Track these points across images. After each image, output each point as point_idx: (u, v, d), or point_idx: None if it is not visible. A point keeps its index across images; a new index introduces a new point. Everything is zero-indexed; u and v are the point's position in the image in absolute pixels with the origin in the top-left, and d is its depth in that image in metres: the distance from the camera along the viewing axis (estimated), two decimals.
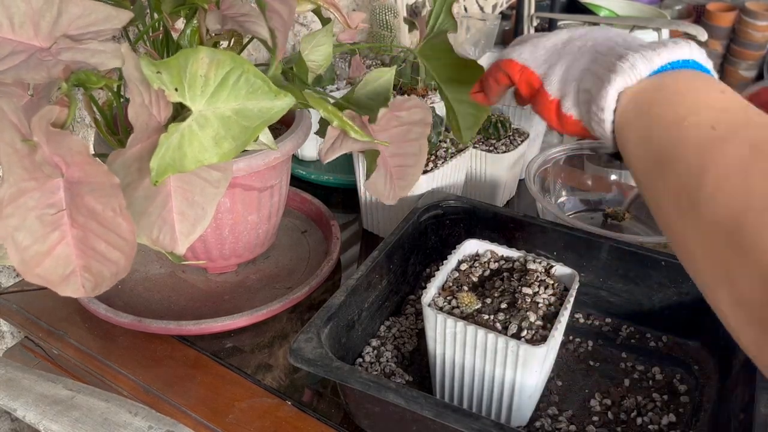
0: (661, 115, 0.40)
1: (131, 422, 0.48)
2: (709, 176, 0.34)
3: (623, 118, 0.43)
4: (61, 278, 0.47)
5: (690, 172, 0.36)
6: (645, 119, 0.41)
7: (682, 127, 0.38)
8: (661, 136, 0.39)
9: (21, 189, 0.45)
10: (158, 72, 0.48)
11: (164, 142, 0.49)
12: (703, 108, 0.38)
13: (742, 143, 0.35)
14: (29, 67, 0.47)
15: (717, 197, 0.34)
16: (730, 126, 0.36)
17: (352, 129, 0.60)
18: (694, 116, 0.38)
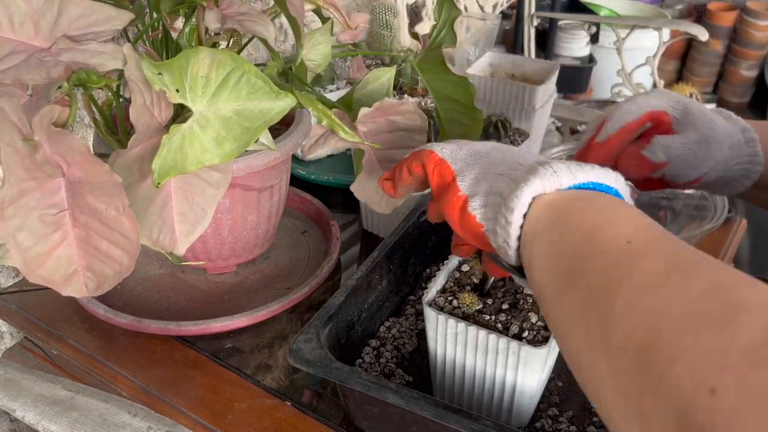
0: (574, 225, 0.38)
1: (130, 423, 0.48)
2: (621, 292, 0.32)
3: (534, 226, 0.41)
4: (64, 278, 0.47)
5: (602, 286, 0.33)
6: (558, 228, 0.39)
7: (596, 238, 0.36)
8: (573, 248, 0.37)
9: (22, 189, 0.45)
10: (159, 73, 0.48)
11: (166, 144, 0.49)
12: (622, 223, 0.37)
13: (659, 259, 0.33)
14: (29, 67, 0.47)
15: (629, 316, 0.31)
16: (647, 241, 0.35)
17: (341, 129, 0.60)
18: (610, 229, 0.36)
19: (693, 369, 0.27)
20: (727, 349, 0.26)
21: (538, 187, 0.40)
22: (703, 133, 0.55)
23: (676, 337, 0.28)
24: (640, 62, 1.77)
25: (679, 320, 0.29)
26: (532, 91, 0.97)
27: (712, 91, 2.81)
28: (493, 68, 1.09)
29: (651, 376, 0.28)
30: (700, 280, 0.30)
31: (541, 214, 0.40)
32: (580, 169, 0.41)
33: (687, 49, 2.79)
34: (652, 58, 1.78)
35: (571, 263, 0.37)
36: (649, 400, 0.28)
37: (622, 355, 0.30)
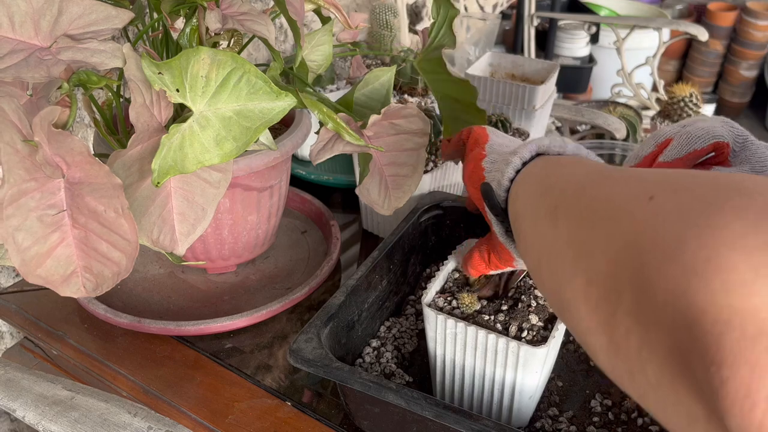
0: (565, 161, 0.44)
1: (130, 423, 0.48)
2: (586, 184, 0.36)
3: (528, 169, 0.46)
4: (62, 279, 0.47)
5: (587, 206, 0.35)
6: (549, 167, 0.44)
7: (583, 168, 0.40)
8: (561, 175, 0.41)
9: (21, 190, 0.45)
10: (159, 73, 0.48)
11: (166, 143, 0.49)
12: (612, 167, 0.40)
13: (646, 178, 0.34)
14: (29, 66, 0.47)
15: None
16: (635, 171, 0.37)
17: (346, 132, 0.60)
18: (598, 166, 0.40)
19: (638, 187, 0.30)
20: (666, 176, 0.30)
21: (545, 141, 0.47)
22: (756, 170, 0.56)
23: (619, 186, 0.32)
24: (640, 62, 1.77)
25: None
26: (532, 91, 0.97)
27: (712, 91, 2.81)
28: (493, 68, 1.09)
29: (606, 211, 0.31)
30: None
31: (535, 163, 0.46)
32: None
33: (687, 49, 2.79)
34: (652, 58, 1.78)
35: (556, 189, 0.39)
36: (599, 233, 0.30)
37: (581, 215, 0.33)
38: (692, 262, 0.23)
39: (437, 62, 0.69)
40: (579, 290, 0.31)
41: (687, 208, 0.26)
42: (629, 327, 0.26)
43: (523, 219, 0.43)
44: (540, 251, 0.38)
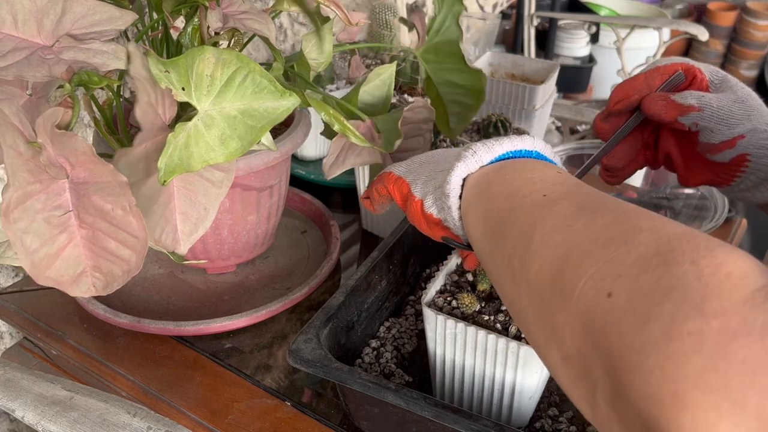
0: (498, 191, 0.42)
1: (130, 423, 0.48)
2: (536, 232, 0.36)
3: (466, 201, 0.45)
4: (72, 279, 0.47)
5: (521, 231, 0.37)
6: (484, 197, 0.43)
7: (516, 197, 0.40)
8: (497, 210, 0.41)
9: (27, 192, 0.45)
10: (166, 71, 0.48)
11: (172, 142, 0.49)
12: (538, 182, 0.40)
13: (570, 203, 0.36)
14: (31, 65, 0.47)
15: (543, 250, 0.35)
16: (561, 193, 0.38)
17: (353, 134, 0.60)
18: (528, 188, 0.40)
19: (594, 281, 0.30)
20: (621, 263, 0.30)
21: (463, 169, 0.45)
22: (741, 96, 0.55)
23: (580, 259, 0.32)
24: (640, 62, 1.77)
25: (584, 246, 0.33)
26: (532, 91, 0.97)
27: None
28: (493, 68, 1.09)
29: (562, 296, 0.32)
30: (605, 215, 0.34)
31: (470, 190, 0.45)
32: (497, 143, 0.45)
33: (687, 49, 2.79)
34: (652, 58, 1.78)
35: (495, 221, 0.41)
36: (561, 316, 0.32)
37: (540, 285, 0.34)
38: (659, 391, 0.26)
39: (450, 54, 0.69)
40: (557, 363, 0.33)
41: (647, 320, 0.27)
42: (609, 413, 0.29)
43: (484, 263, 0.43)
44: (509, 305, 0.39)
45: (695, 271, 0.28)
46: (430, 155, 0.53)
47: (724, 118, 0.54)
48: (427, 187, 0.49)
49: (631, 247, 0.30)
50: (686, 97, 0.54)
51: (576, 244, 0.33)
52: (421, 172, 0.51)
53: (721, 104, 0.54)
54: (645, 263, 0.29)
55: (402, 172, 0.53)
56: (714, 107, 0.54)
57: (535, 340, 0.35)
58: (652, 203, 0.89)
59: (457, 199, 0.46)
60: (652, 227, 0.31)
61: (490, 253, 0.41)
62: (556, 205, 0.37)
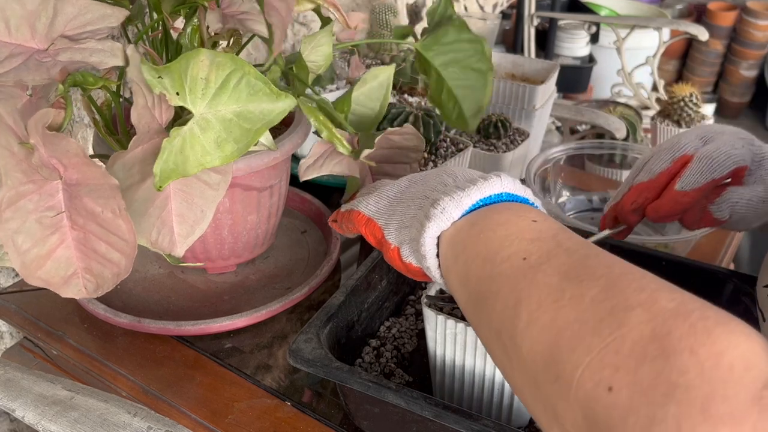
0: (474, 253, 0.40)
1: (130, 423, 0.48)
2: (522, 309, 0.34)
3: (445, 263, 0.43)
4: (63, 280, 0.47)
5: (506, 306, 0.36)
6: (461, 260, 0.41)
7: (494, 262, 0.38)
8: (477, 275, 0.39)
9: (19, 192, 0.45)
10: (159, 77, 0.48)
11: (167, 147, 0.49)
12: (515, 239, 0.38)
13: (553, 272, 0.35)
14: (29, 69, 0.47)
15: (532, 330, 0.33)
16: (541, 255, 0.36)
17: (340, 143, 0.60)
18: (505, 250, 0.38)
19: (592, 372, 0.29)
20: (618, 351, 0.29)
21: (434, 230, 0.43)
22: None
23: (574, 345, 0.31)
24: (640, 62, 1.77)
25: (575, 328, 0.31)
26: (532, 91, 0.97)
27: (712, 90, 2.81)
28: None
29: (559, 384, 0.31)
30: (591, 286, 0.33)
31: (446, 251, 0.43)
32: (464, 195, 0.42)
33: (687, 49, 2.79)
34: (652, 58, 1.78)
35: (476, 289, 0.39)
36: (561, 404, 0.31)
37: (533, 367, 0.33)
38: None
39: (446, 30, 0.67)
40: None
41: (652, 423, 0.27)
42: None
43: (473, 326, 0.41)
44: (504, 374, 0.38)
45: (696, 365, 0.27)
46: (399, 190, 0.49)
47: (747, 219, 0.55)
48: (401, 235, 0.46)
49: (625, 331, 0.29)
50: (723, 209, 0.55)
51: (565, 325, 0.32)
52: (393, 215, 0.48)
53: (750, 206, 0.55)
54: (642, 352, 0.28)
55: (372, 212, 0.49)
56: (744, 213, 0.55)
57: (537, 417, 0.34)
58: None
59: (435, 258, 0.44)
60: (643, 302, 0.30)
61: (477, 322, 0.40)
62: (537, 273, 0.35)
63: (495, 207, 0.42)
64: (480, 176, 0.44)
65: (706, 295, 0.32)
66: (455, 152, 0.82)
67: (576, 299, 0.32)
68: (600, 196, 0.91)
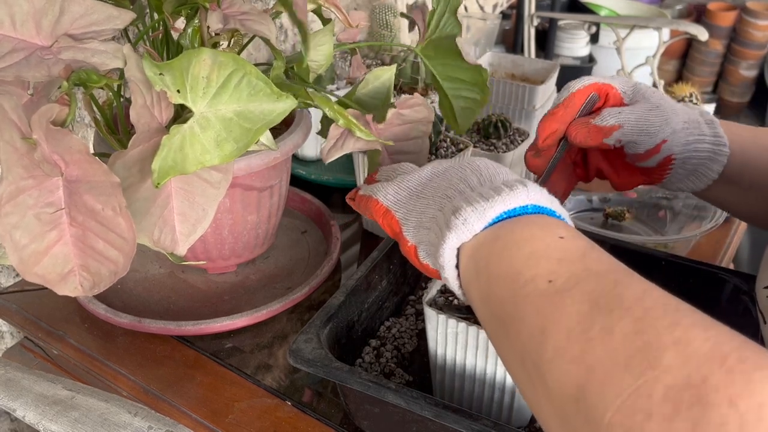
0: (497, 272, 0.38)
1: (131, 422, 0.48)
2: (549, 339, 0.33)
3: (466, 275, 0.41)
4: (60, 277, 0.47)
5: (531, 333, 0.34)
6: (483, 277, 0.39)
7: (518, 283, 0.36)
8: (500, 296, 0.37)
9: (20, 187, 0.45)
10: (160, 74, 0.48)
11: (166, 144, 0.49)
12: (541, 259, 0.36)
13: (581, 298, 0.33)
14: (30, 65, 0.47)
15: (559, 362, 0.32)
16: (569, 278, 0.34)
17: (357, 128, 0.60)
18: (530, 270, 0.36)
19: (623, 416, 0.28)
20: (650, 396, 0.27)
21: (454, 242, 0.41)
22: (654, 102, 0.57)
23: (604, 385, 0.29)
24: (640, 62, 1.77)
25: (606, 365, 0.30)
26: (532, 91, 0.97)
27: (712, 91, 2.81)
28: (493, 68, 1.09)
29: (588, 424, 0.29)
30: (623, 318, 0.31)
31: (467, 264, 0.41)
32: (488, 206, 0.40)
33: (687, 49, 2.79)
34: (652, 58, 1.78)
35: (499, 311, 0.37)
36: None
37: (561, 401, 0.31)
38: None
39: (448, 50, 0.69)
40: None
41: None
42: None
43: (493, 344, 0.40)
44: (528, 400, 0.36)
45: (736, 418, 0.25)
46: (420, 182, 0.48)
47: (644, 129, 0.56)
48: (420, 234, 0.45)
49: (658, 374, 0.28)
50: (606, 118, 0.56)
51: (595, 360, 0.30)
52: (412, 210, 0.46)
53: (638, 116, 0.56)
54: (677, 400, 0.27)
55: (391, 203, 0.48)
56: (633, 120, 0.56)
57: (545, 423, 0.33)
58: (651, 203, 0.90)
59: (454, 269, 0.42)
60: (677, 341, 0.29)
61: (500, 344, 0.38)
62: (565, 299, 0.33)
63: (520, 220, 0.40)
64: (504, 183, 0.42)
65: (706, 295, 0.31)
66: (455, 152, 0.82)
67: (606, 331, 0.31)
68: (600, 196, 0.91)
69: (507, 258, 0.38)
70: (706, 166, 0.58)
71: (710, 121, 0.58)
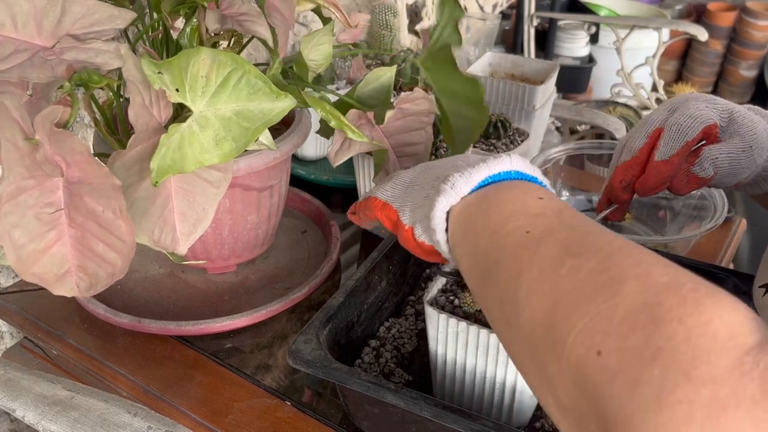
0: (482, 227, 0.41)
1: (130, 423, 0.48)
2: (524, 279, 0.36)
3: (453, 237, 0.44)
4: (56, 277, 0.47)
5: (509, 276, 0.37)
6: (470, 234, 0.42)
7: (500, 234, 0.39)
8: (483, 248, 0.40)
9: (20, 187, 0.45)
10: (159, 72, 0.48)
11: (165, 143, 0.49)
12: (521, 215, 0.40)
13: (554, 245, 0.36)
14: (34, 66, 0.47)
15: (531, 299, 0.35)
16: (544, 229, 0.38)
17: (349, 129, 0.60)
18: (511, 223, 0.39)
19: (584, 337, 0.30)
20: (610, 318, 0.30)
21: (444, 204, 0.44)
22: (747, 141, 0.58)
23: (569, 312, 0.32)
24: (639, 62, 1.77)
25: (572, 296, 0.32)
26: (532, 91, 0.97)
27: (712, 91, 2.81)
28: (493, 68, 1.09)
29: (554, 349, 0.32)
30: (590, 259, 0.34)
31: (454, 225, 0.44)
32: (474, 171, 0.44)
33: (687, 49, 2.79)
34: (651, 58, 1.78)
35: (483, 261, 0.40)
36: (554, 369, 0.32)
37: (531, 334, 0.34)
38: None
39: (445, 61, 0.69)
40: (553, 411, 0.33)
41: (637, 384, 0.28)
42: None
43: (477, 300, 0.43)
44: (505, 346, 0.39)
45: (683, 332, 0.28)
46: (414, 175, 0.51)
47: (733, 172, 0.58)
48: (415, 214, 0.48)
49: (618, 300, 0.30)
50: (705, 168, 0.58)
51: (563, 293, 0.33)
52: (407, 197, 0.49)
53: (731, 159, 0.58)
54: (633, 320, 0.29)
55: (388, 196, 0.51)
56: (726, 166, 0.58)
57: (532, 385, 0.36)
58: (651, 203, 0.89)
59: (444, 233, 0.45)
60: (638, 275, 0.31)
61: (482, 294, 0.41)
62: (540, 245, 0.36)
63: (504, 184, 0.44)
64: (491, 155, 0.46)
65: None
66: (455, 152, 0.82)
67: (574, 270, 0.33)
68: (600, 196, 0.91)
69: (491, 215, 0.41)
70: (765, 180, 0.60)
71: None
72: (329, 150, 0.63)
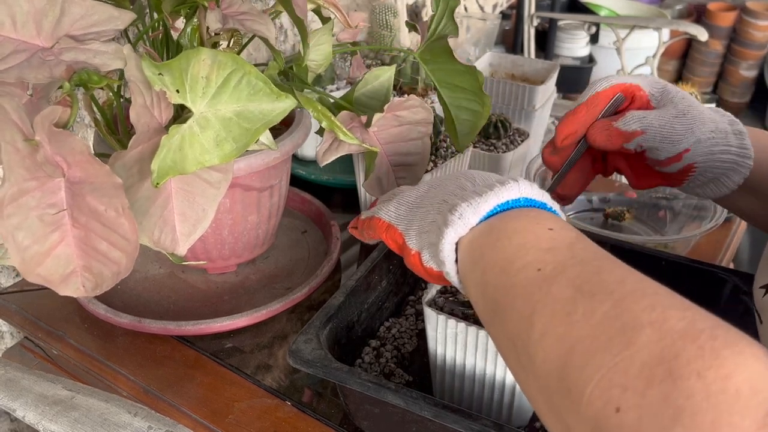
0: (491, 261, 0.40)
1: (131, 422, 0.48)
2: (537, 321, 0.35)
3: (463, 269, 0.43)
4: (62, 278, 0.47)
5: (521, 317, 0.36)
6: (479, 267, 0.41)
7: (510, 272, 0.38)
8: (493, 284, 0.39)
9: (22, 189, 0.45)
10: (160, 74, 0.48)
11: (165, 144, 0.49)
12: (531, 249, 0.39)
13: (566, 284, 0.35)
14: (31, 67, 0.47)
15: (545, 342, 0.34)
16: (556, 266, 0.37)
17: (340, 131, 0.60)
18: (521, 259, 0.38)
19: (601, 390, 0.30)
20: (626, 371, 0.29)
21: (452, 236, 0.43)
22: (682, 109, 0.55)
23: (585, 361, 0.31)
24: (640, 62, 1.77)
25: (587, 343, 0.32)
26: (532, 91, 0.97)
27: (712, 91, 2.81)
28: (493, 68, 1.09)
29: (569, 396, 0.31)
30: (604, 301, 0.33)
31: (464, 256, 0.43)
32: (482, 201, 0.43)
33: (687, 49, 2.79)
34: (651, 58, 1.78)
35: (494, 298, 0.39)
36: (572, 418, 0.31)
37: (546, 379, 0.33)
38: None
39: (441, 51, 0.69)
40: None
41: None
42: None
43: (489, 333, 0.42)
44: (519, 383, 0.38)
45: (703, 389, 0.27)
46: (419, 195, 0.50)
47: (667, 137, 0.55)
48: (422, 240, 0.46)
49: (634, 351, 0.29)
50: (629, 122, 0.55)
51: (577, 339, 0.32)
52: (413, 219, 0.48)
53: (663, 122, 0.55)
54: (650, 375, 0.28)
55: (392, 218, 0.50)
56: (656, 127, 0.55)
57: (549, 427, 0.35)
58: (651, 203, 0.90)
59: (454, 264, 0.44)
60: (653, 321, 0.30)
61: (494, 331, 0.40)
62: (552, 285, 0.36)
63: (512, 213, 0.42)
64: (498, 181, 0.44)
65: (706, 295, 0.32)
66: (455, 152, 0.82)
67: (588, 314, 0.33)
68: (600, 196, 0.91)
69: (500, 248, 0.40)
70: (728, 176, 0.56)
71: (738, 132, 0.56)
72: (318, 149, 0.62)
